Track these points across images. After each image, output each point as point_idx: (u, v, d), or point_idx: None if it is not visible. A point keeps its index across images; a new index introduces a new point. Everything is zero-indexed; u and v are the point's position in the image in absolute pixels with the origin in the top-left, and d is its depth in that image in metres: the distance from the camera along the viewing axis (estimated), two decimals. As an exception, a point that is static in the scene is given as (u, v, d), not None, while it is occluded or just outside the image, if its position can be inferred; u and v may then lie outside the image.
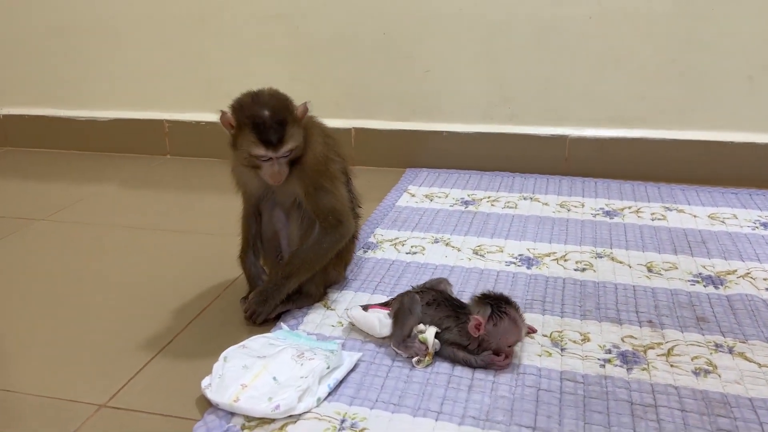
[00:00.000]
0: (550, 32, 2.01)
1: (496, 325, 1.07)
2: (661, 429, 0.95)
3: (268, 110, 1.15)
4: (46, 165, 2.37)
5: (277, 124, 1.15)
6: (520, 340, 1.10)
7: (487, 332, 1.08)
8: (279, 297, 1.25)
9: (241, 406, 0.97)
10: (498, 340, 1.08)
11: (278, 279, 1.25)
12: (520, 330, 1.08)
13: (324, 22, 2.15)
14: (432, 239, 1.63)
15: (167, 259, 1.59)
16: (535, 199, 1.89)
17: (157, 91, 2.38)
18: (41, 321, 1.31)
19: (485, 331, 1.08)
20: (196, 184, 2.13)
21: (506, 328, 1.07)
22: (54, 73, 2.46)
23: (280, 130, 1.15)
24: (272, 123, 1.15)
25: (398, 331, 1.13)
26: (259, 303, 1.24)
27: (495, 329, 1.07)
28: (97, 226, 1.81)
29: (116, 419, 1.01)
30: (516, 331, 1.08)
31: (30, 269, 1.55)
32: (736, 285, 1.37)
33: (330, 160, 1.27)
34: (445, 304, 1.15)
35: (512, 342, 1.09)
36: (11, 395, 1.08)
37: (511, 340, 1.08)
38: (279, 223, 1.30)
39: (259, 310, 1.24)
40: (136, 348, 1.21)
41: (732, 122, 1.97)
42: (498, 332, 1.08)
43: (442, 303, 1.15)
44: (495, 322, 1.07)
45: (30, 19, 2.40)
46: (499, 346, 1.08)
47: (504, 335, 1.08)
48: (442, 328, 1.12)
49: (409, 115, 2.19)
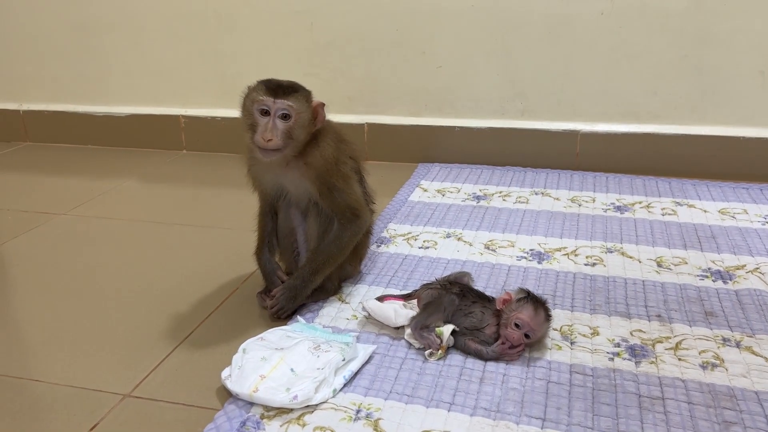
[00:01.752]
0: (562, 28, 2.02)
1: (518, 302, 1.13)
2: (668, 421, 0.98)
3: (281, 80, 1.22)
4: (65, 160, 2.42)
5: (287, 85, 1.21)
6: (530, 331, 1.12)
7: (508, 305, 1.14)
8: (306, 293, 1.29)
9: (260, 396, 1.01)
10: (510, 314, 1.12)
11: (305, 275, 1.28)
12: (535, 318, 1.12)
13: (338, 19, 2.18)
14: (444, 234, 1.65)
15: (186, 253, 1.63)
16: (547, 194, 1.91)
17: (174, 86, 2.42)
18: (65, 314, 1.36)
19: (505, 305, 1.14)
20: (212, 179, 2.17)
21: (524, 307, 1.12)
22: (73, 70, 2.50)
23: (287, 88, 1.21)
24: (282, 82, 1.22)
25: (421, 318, 1.16)
26: (288, 299, 1.27)
27: (515, 304, 1.13)
28: (116, 220, 1.85)
29: (140, 408, 1.05)
30: (530, 315, 1.11)
31: (53, 263, 1.60)
32: (744, 280, 1.38)
33: (341, 162, 1.29)
34: (470, 296, 1.20)
35: (521, 322, 1.11)
36: (39, 385, 1.12)
37: (521, 319, 1.11)
38: (295, 220, 1.33)
39: (287, 306, 1.28)
40: (157, 340, 1.25)
41: (744, 117, 1.98)
42: (515, 307, 1.13)
43: (467, 294, 1.20)
44: (520, 301, 1.13)
45: (49, 16, 2.44)
46: (508, 320, 1.12)
47: (518, 311, 1.12)
48: (466, 313, 1.17)
49: (421, 110, 2.21)
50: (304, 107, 1.22)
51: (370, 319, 1.24)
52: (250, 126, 1.21)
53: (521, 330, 1.12)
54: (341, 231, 1.29)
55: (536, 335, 1.14)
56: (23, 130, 2.61)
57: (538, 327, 1.13)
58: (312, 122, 1.23)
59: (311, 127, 1.24)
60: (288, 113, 1.19)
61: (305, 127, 1.22)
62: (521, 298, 1.15)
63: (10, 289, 1.48)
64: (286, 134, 1.19)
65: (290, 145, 1.21)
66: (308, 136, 1.24)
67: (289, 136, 1.20)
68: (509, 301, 1.15)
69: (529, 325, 1.11)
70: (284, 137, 1.19)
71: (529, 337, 1.12)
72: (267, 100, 1.19)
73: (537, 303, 1.14)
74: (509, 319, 1.13)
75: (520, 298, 1.15)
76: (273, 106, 1.19)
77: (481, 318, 1.16)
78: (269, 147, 1.19)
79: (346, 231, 1.29)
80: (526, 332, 1.12)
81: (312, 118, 1.23)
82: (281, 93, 1.19)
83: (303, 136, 1.22)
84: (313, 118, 1.23)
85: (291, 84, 1.23)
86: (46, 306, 1.39)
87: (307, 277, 1.28)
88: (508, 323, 1.12)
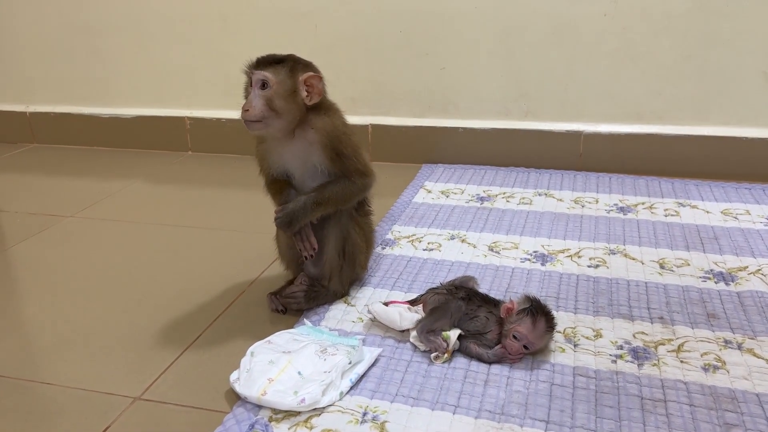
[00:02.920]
0: (566, 29, 2.03)
1: (518, 314, 1.14)
2: (670, 423, 0.99)
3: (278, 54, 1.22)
4: (71, 161, 2.44)
5: (272, 58, 1.21)
6: (529, 343, 1.13)
7: (509, 316, 1.15)
8: (304, 220, 1.26)
9: (268, 400, 1.03)
10: (510, 325, 1.14)
11: (308, 203, 1.25)
12: (533, 332, 1.13)
13: (342, 21, 2.19)
14: (448, 236, 1.67)
15: (193, 255, 1.65)
16: (550, 195, 1.92)
17: (179, 88, 2.44)
18: (74, 316, 1.38)
19: (508, 315, 1.15)
20: (217, 181, 2.18)
21: (524, 321, 1.13)
22: (79, 72, 2.52)
23: (271, 59, 1.21)
24: (276, 55, 1.22)
25: (428, 322, 1.18)
26: (283, 224, 1.26)
27: (516, 316, 1.14)
28: (124, 222, 1.87)
29: (151, 411, 1.07)
30: (529, 329, 1.12)
31: (62, 266, 1.62)
32: (746, 282, 1.40)
33: (350, 132, 1.29)
34: (476, 300, 1.21)
35: (520, 335, 1.13)
36: (51, 388, 1.14)
37: (520, 332, 1.12)
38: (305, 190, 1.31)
39: (284, 229, 1.27)
40: (165, 343, 1.26)
41: (747, 118, 1.99)
42: (515, 319, 1.14)
43: (473, 298, 1.21)
44: (521, 313, 1.14)
45: (56, 18, 2.46)
46: (508, 331, 1.14)
47: (517, 323, 1.13)
48: (471, 317, 1.18)
49: (425, 111, 2.22)
50: (285, 77, 1.20)
51: (375, 321, 1.26)
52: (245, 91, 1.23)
53: (520, 342, 1.13)
54: (350, 182, 1.28)
55: (535, 347, 1.15)
56: (30, 132, 2.63)
57: (537, 340, 1.14)
58: (297, 93, 1.21)
59: (298, 98, 1.21)
60: (266, 82, 1.19)
61: (286, 98, 1.20)
62: (522, 309, 1.15)
63: (20, 292, 1.50)
64: (265, 105, 1.18)
65: (273, 117, 1.20)
66: (299, 110, 1.22)
67: (270, 107, 1.19)
68: (512, 311, 1.16)
69: (527, 338, 1.13)
70: (264, 108, 1.18)
71: (527, 348, 1.14)
72: (248, 72, 1.21)
73: (537, 316, 1.13)
74: (509, 331, 1.14)
75: (522, 309, 1.15)
76: (252, 76, 1.20)
77: (485, 323, 1.17)
78: (248, 118, 1.19)
79: (354, 184, 1.28)
80: (525, 344, 1.13)
81: (296, 89, 1.21)
82: (261, 64, 1.20)
83: (287, 107, 1.20)
84: (301, 89, 1.21)
85: (283, 57, 1.22)
86: (55, 309, 1.41)
87: (309, 206, 1.25)
88: (508, 334, 1.14)
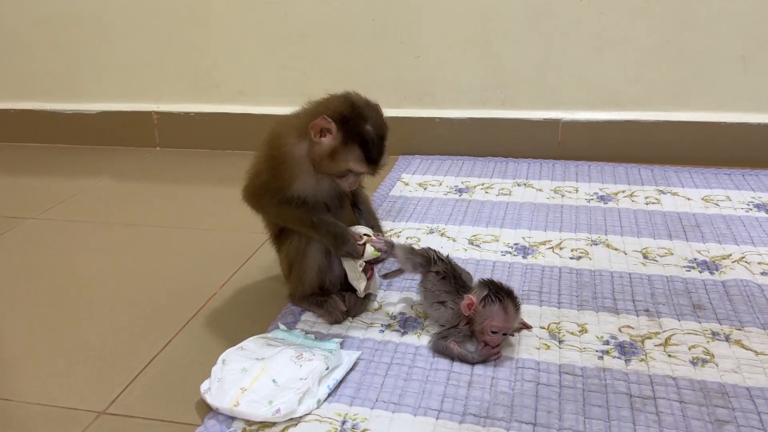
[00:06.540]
0: (543, 15, 1.98)
1: (485, 307, 1.10)
2: (660, 422, 0.96)
3: (373, 127, 1.14)
4: (33, 160, 2.34)
5: (379, 140, 1.15)
6: (507, 330, 1.10)
7: (475, 312, 1.10)
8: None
9: (241, 411, 0.97)
10: (482, 322, 1.10)
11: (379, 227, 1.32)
12: (507, 319, 1.09)
13: (312, 9, 2.12)
14: (427, 230, 1.62)
15: (161, 256, 1.58)
16: (529, 185, 1.88)
17: (145, 82, 2.35)
18: (35, 325, 1.30)
19: (474, 312, 1.11)
20: (187, 177, 2.11)
21: (494, 312, 1.09)
22: (39, 66, 2.41)
23: (383, 147, 1.16)
24: (378, 141, 1.15)
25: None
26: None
27: (483, 310, 1.10)
28: (89, 223, 1.79)
29: (116, 426, 1.01)
30: (503, 319, 1.09)
31: (22, 271, 1.54)
32: (731, 270, 1.37)
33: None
34: (449, 280, 1.18)
35: (497, 328, 1.09)
36: (10, 404, 1.07)
37: (496, 326, 1.09)
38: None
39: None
40: (132, 351, 1.20)
41: (726, 102, 1.97)
42: (485, 314, 1.09)
43: (447, 277, 1.18)
44: (485, 304, 1.10)
45: (13, 10, 2.35)
46: (483, 328, 1.10)
47: (489, 318, 1.09)
48: (438, 301, 1.16)
49: (401, 101, 2.17)
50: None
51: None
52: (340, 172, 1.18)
53: (498, 333, 1.09)
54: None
55: (513, 329, 1.12)
56: (-11, 130, 2.53)
57: (512, 323, 1.11)
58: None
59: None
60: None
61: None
62: (484, 298, 1.10)
63: (-22, 301, 1.42)
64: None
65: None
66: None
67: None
68: (474, 305, 1.11)
69: (505, 327, 1.09)
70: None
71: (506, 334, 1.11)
72: (369, 171, 1.19)
73: (504, 301, 1.09)
74: (484, 327, 1.09)
75: (483, 299, 1.10)
76: (373, 172, 1.20)
77: (452, 315, 1.14)
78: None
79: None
80: (504, 332, 1.10)
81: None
82: (381, 160, 1.17)
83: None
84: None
85: (381, 134, 1.17)
86: (14, 318, 1.34)
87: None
88: (484, 331, 1.10)
